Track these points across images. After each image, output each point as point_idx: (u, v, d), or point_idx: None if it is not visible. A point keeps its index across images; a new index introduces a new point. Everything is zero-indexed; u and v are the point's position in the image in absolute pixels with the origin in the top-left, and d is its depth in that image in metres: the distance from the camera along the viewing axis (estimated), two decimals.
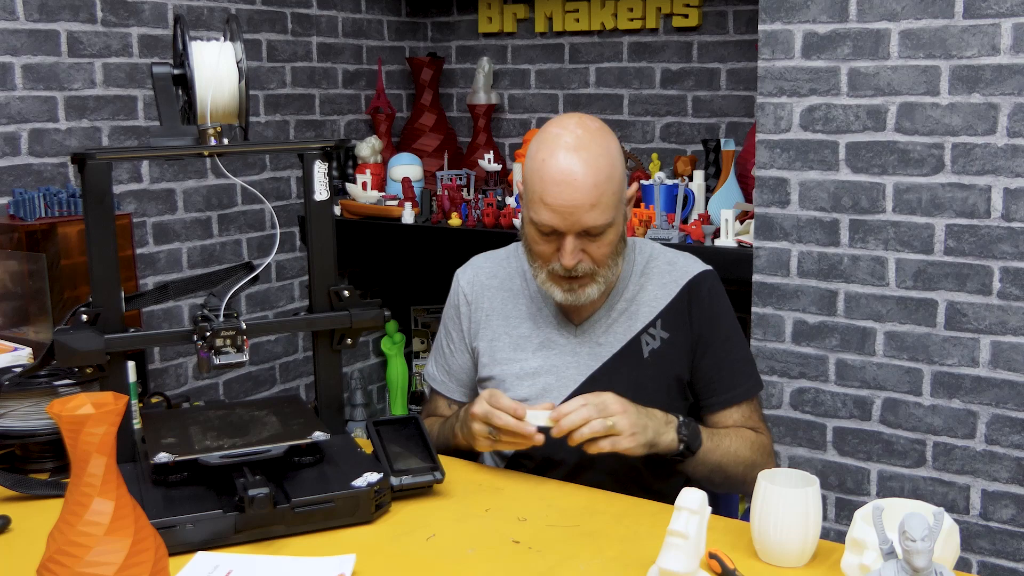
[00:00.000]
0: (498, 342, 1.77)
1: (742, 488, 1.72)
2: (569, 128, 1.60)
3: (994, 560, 2.33)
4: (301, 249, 3.38)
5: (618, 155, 1.63)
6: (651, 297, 1.73)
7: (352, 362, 3.62)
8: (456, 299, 1.84)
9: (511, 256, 1.84)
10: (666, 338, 1.72)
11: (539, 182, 1.59)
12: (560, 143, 1.58)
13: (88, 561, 1.06)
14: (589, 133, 1.60)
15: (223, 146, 1.48)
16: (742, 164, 2.79)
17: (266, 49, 3.19)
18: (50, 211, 2.39)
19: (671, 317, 1.72)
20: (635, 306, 1.73)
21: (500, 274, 1.82)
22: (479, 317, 1.80)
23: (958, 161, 2.27)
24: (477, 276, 1.83)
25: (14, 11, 2.56)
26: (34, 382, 1.64)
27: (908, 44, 2.29)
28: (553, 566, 1.29)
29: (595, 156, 1.58)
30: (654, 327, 1.71)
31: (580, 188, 1.56)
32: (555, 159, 1.57)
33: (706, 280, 1.75)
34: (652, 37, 3.23)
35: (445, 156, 3.49)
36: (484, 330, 1.79)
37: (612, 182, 1.59)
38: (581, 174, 1.56)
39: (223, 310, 1.47)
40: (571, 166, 1.56)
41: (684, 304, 1.72)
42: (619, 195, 1.62)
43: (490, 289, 1.81)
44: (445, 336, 1.86)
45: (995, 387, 2.29)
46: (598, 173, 1.57)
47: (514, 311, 1.78)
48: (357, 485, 1.41)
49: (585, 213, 1.57)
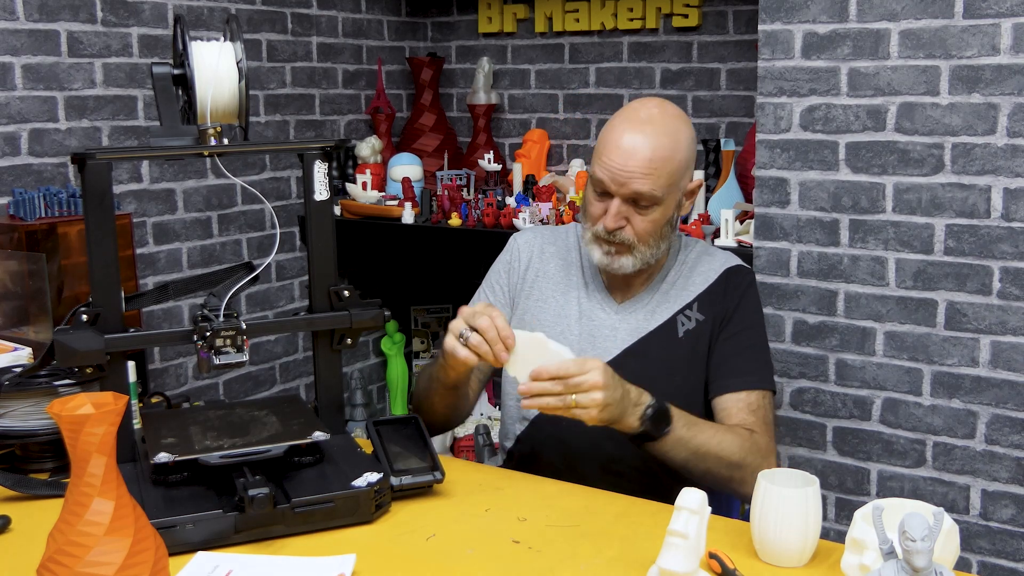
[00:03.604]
0: (545, 304, 1.84)
1: (728, 487, 1.68)
2: (648, 105, 1.72)
3: (994, 560, 2.33)
4: (301, 249, 3.38)
5: (687, 142, 1.71)
6: (691, 283, 1.81)
7: (352, 362, 3.62)
8: (510, 256, 1.90)
9: (570, 232, 1.92)
10: (702, 320, 1.78)
11: (604, 143, 1.69)
12: (635, 115, 1.69)
13: (88, 561, 1.06)
14: (664, 114, 1.70)
15: (223, 146, 1.48)
16: (742, 164, 2.79)
17: (266, 49, 3.19)
18: (50, 211, 2.39)
19: (708, 300, 1.79)
20: (676, 290, 1.80)
21: (558, 243, 1.90)
22: (530, 277, 1.87)
23: (958, 161, 2.27)
24: (536, 239, 1.91)
25: (14, 11, 2.56)
26: (34, 382, 1.64)
27: (908, 44, 2.29)
28: (553, 566, 1.29)
29: (660, 133, 1.67)
30: (691, 308, 1.78)
31: (636, 156, 1.65)
32: (624, 126, 1.68)
33: (744, 273, 1.83)
34: (652, 37, 3.23)
35: (445, 156, 3.49)
36: (532, 290, 1.85)
37: (670, 163, 1.67)
38: (641, 144, 1.65)
39: (223, 310, 1.47)
40: (635, 134, 1.66)
41: (720, 288, 1.79)
42: (675, 177, 1.69)
43: (546, 254, 1.89)
44: (488, 291, 1.90)
45: (995, 387, 2.29)
46: (657, 149, 1.65)
47: (564, 280, 1.85)
48: (357, 485, 1.41)
49: (635, 179, 1.65)
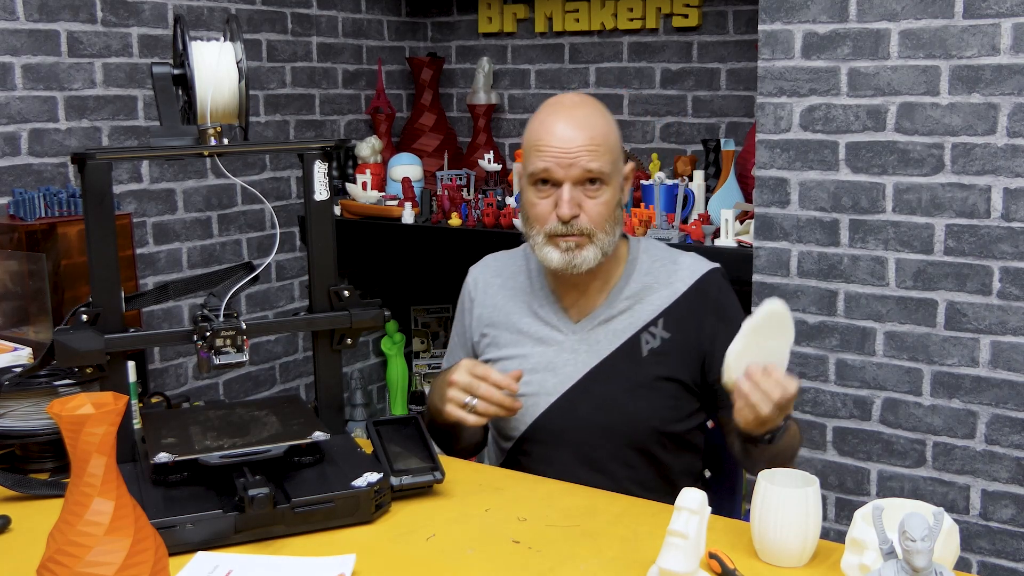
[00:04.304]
0: (500, 337, 1.79)
1: None
2: (569, 96, 1.73)
3: (994, 560, 2.33)
4: (301, 249, 3.38)
5: (615, 126, 1.70)
6: (654, 296, 1.73)
7: (352, 362, 3.62)
8: (463, 297, 1.88)
9: (519, 255, 1.86)
10: (667, 338, 1.71)
11: (536, 135, 1.66)
12: (560, 105, 1.69)
13: (88, 561, 1.06)
14: (587, 100, 1.71)
15: (223, 146, 1.48)
16: (742, 164, 2.79)
17: (266, 49, 3.19)
18: (50, 211, 2.39)
19: (675, 317, 1.71)
20: (638, 304, 1.72)
21: (505, 272, 1.84)
22: (481, 312, 1.82)
23: (958, 161, 2.27)
24: (483, 273, 1.87)
25: (14, 11, 2.56)
26: (34, 382, 1.64)
27: (908, 44, 2.29)
28: (553, 566, 1.29)
29: (593, 115, 1.67)
30: (655, 326, 1.71)
31: (577, 137, 1.63)
32: (556, 115, 1.66)
33: (714, 280, 1.75)
34: (652, 37, 3.23)
35: (445, 156, 3.49)
36: (487, 325, 1.81)
37: (609, 138, 1.66)
38: (578, 125, 1.64)
39: (223, 310, 1.47)
40: (569, 119, 1.65)
41: (692, 305, 1.72)
42: (615, 154, 1.67)
43: (493, 286, 1.83)
44: (456, 333, 1.90)
45: (995, 387, 2.29)
46: (594, 127, 1.65)
47: (515, 307, 1.79)
48: (357, 485, 1.41)
49: (582, 158, 1.62)
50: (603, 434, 1.70)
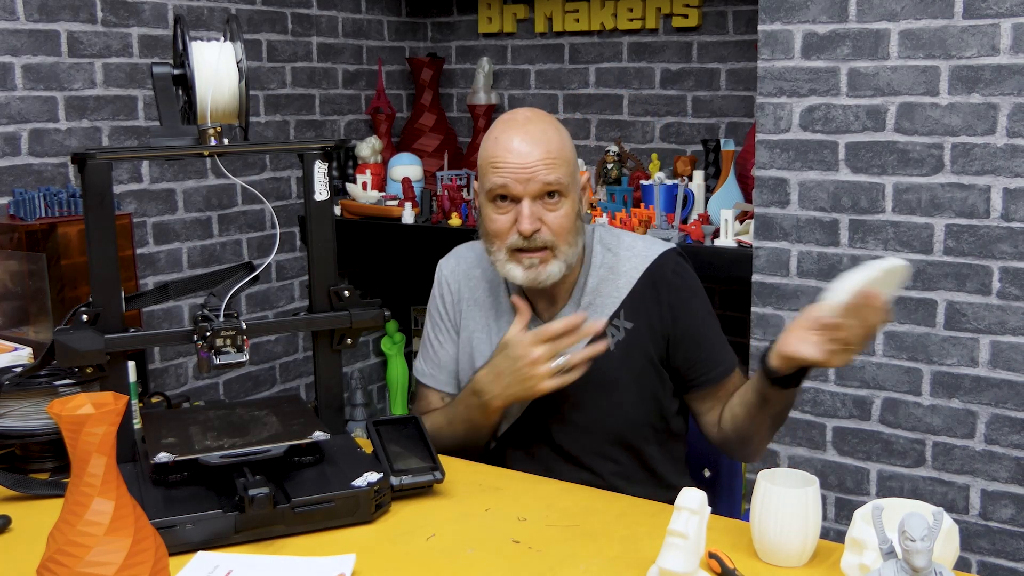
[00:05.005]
0: (479, 333, 1.78)
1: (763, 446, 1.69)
2: (521, 111, 1.69)
3: (994, 560, 2.33)
4: (301, 249, 3.38)
5: (569, 139, 1.68)
6: (612, 288, 1.72)
7: (352, 362, 3.62)
8: (440, 289, 1.84)
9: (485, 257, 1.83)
10: (631, 328, 1.70)
11: (492, 153, 1.64)
12: (513, 121, 1.66)
13: (88, 561, 1.06)
14: (539, 115, 1.68)
15: (223, 146, 1.48)
16: (742, 164, 2.79)
17: (266, 49, 3.19)
18: (50, 211, 2.39)
19: (634, 306, 1.71)
20: (599, 298, 1.72)
21: (483, 264, 1.81)
22: (461, 307, 1.81)
23: (957, 161, 2.27)
24: (459, 265, 1.84)
25: (14, 11, 2.56)
26: (34, 382, 1.64)
27: (908, 44, 2.29)
28: (553, 566, 1.29)
29: (546, 129, 1.64)
30: (618, 318, 1.71)
31: (534, 152, 1.61)
32: (510, 131, 1.64)
33: (667, 262, 1.73)
34: (652, 37, 3.24)
35: (445, 156, 3.49)
36: (468, 321, 1.80)
37: (564, 150, 1.64)
38: (533, 139, 1.62)
39: (223, 310, 1.47)
40: (523, 135, 1.63)
41: (648, 291, 1.71)
42: (572, 167, 1.66)
43: (472, 279, 1.81)
44: (432, 328, 1.86)
45: (995, 387, 2.29)
46: (550, 141, 1.63)
47: (494, 304, 1.78)
48: (357, 485, 1.41)
49: (539, 172, 1.60)
50: (581, 432, 1.71)
